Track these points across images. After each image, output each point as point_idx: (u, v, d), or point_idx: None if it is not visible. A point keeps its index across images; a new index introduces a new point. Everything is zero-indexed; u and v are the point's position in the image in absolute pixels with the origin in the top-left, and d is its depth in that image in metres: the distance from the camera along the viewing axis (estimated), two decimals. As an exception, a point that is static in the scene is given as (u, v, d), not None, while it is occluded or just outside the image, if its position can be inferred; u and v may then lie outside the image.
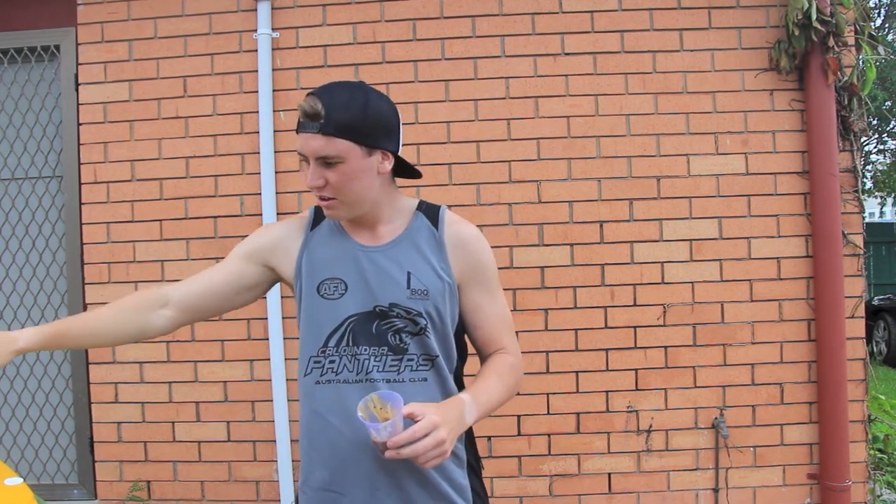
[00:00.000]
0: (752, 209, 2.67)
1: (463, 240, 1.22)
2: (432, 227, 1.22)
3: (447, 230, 1.22)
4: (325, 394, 1.16)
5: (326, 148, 1.08)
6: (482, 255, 1.23)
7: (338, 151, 1.09)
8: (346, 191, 1.12)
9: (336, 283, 1.17)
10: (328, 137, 1.08)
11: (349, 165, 1.11)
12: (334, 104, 1.09)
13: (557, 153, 2.68)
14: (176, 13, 2.75)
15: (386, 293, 1.15)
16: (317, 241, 1.23)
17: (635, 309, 2.66)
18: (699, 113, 2.68)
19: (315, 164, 1.10)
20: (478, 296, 1.22)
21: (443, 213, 1.25)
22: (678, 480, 2.66)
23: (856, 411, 2.64)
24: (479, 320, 1.22)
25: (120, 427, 2.75)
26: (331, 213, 1.16)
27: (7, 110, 2.93)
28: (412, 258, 1.18)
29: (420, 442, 0.96)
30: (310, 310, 1.19)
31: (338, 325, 1.16)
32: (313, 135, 1.08)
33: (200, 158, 2.74)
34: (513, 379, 1.21)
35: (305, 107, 1.08)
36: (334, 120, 1.08)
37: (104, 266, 2.75)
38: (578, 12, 2.69)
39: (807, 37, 2.53)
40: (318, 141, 1.08)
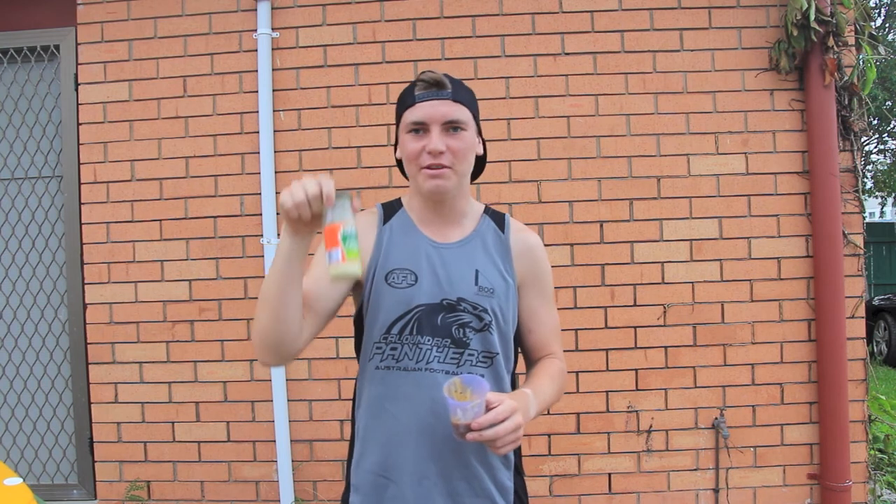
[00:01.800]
0: (752, 209, 2.67)
1: (529, 246, 1.27)
2: (499, 230, 1.28)
3: (513, 235, 1.28)
4: (384, 379, 1.19)
5: (456, 112, 1.15)
6: (544, 263, 1.29)
7: (465, 117, 1.16)
8: (463, 159, 1.17)
9: (406, 273, 1.20)
10: (457, 104, 1.16)
11: (470, 134, 1.18)
12: (455, 81, 1.18)
13: (557, 153, 2.68)
14: (176, 13, 2.75)
15: (455, 287, 1.18)
16: (390, 235, 1.25)
17: (635, 309, 2.66)
18: (699, 113, 2.68)
19: (439, 130, 1.14)
20: (535, 301, 1.26)
21: (509, 219, 1.31)
22: (678, 480, 2.66)
23: (856, 411, 2.64)
24: (534, 324, 1.26)
25: (120, 427, 2.75)
26: (440, 184, 1.16)
27: (7, 110, 2.93)
28: (480, 257, 1.23)
29: (502, 425, 0.97)
30: (377, 297, 1.20)
31: (403, 314, 1.18)
32: (443, 101, 1.15)
33: (200, 158, 2.74)
34: (562, 382, 1.25)
35: (434, 76, 1.15)
36: (461, 91, 1.18)
37: (104, 266, 2.75)
38: (578, 12, 2.69)
39: (806, 37, 2.53)
40: (448, 106, 1.15)
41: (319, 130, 2.71)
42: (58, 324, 2.90)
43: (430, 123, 1.14)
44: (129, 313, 2.74)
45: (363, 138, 2.70)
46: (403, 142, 1.18)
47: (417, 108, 1.15)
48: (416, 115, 1.15)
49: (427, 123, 1.14)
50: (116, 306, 2.75)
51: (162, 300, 2.73)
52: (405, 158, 1.19)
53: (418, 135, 1.16)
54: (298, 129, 2.71)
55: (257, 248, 2.70)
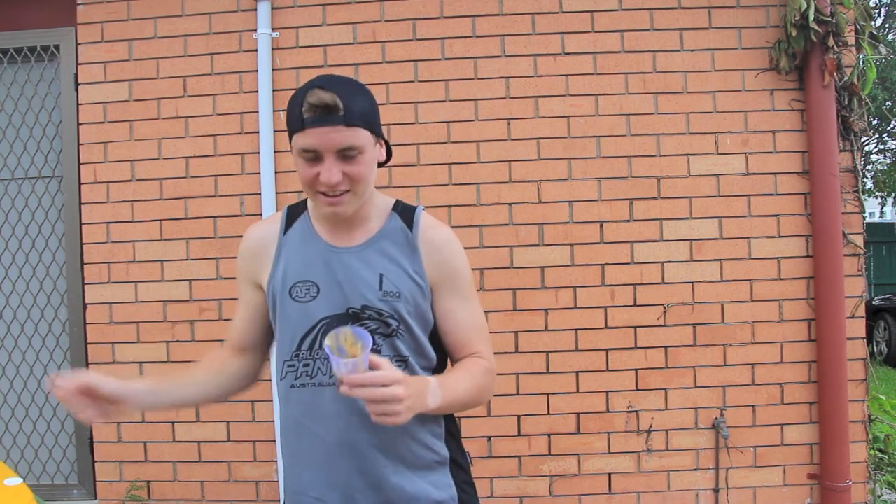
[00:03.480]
0: (752, 209, 2.67)
1: (436, 244, 1.19)
2: (407, 228, 1.20)
3: (422, 234, 1.19)
4: (301, 397, 1.16)
5: (351, 138, 1.05)
6: (455, 259, 1.20)
7: (361, 141, 1.07)
8: (361, 181, 1.09)
9: (308, 285, 1.16)
10: (352, 128, 1.05)
11: (367, 155, 1.09)
12: (348, 94, 1.06)
13: (557, 153, 2.68)
14: (176, 13, 2.75)
15: (358, 295, 1.13)
16: (290, 246, 1.21)
17: (635, 309, 2.66)
18: (699, 113, 2.68)
19: (333, 157, 1.06)
20: (449, 301, 1.19)
21: (418, 215, 1.22)
22: (678, 480, 2.66)
23: (856, 411, 2.64)
24: (450, 325, 1.19)
25: (120, 427, 2.75)
26: (339, 210, 1.11)
27: (7, 110, 2.93)
28: (385, 260, 1.17)
29: (377, 389, 0.92)
30: (283, 313, 1.18)
31: (310, 328, 1.15)
32: (334, 127, 1.04)
33: (200, 158, 2.74)
34: (485, 380, 1.17)
35: (325, 99, 1.03)
36: (355, 110, 1.05)
37: (104, 266, 2.75)
38: (578, 12, 2.69)
39: (805, 37, 2.53)
40: (340, 133, 1.04)
41: (319, 130, 2.71)
42: (58, 324, 2.90)
43: (322, 152, 1.05)
44: (130, 313, 2.74)
45: (363, 138, 2.69)
46: (297, 164, 1.11)
47: (308, 133, 1.05)
48: (307, 141, 1.05)
49: (320, 151, 1.06)
50: (116, 306, 2.75)
51: (162, 300, 2.73)
52: (301, 181, 1.11)
53: (311, 161, 1.07)
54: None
55: (257, 248, 2.70)
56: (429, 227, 1.21)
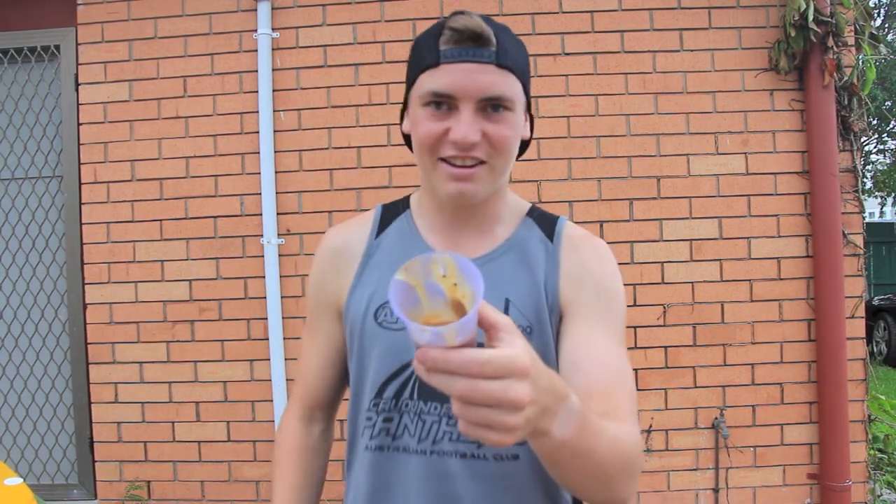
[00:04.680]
0: (752, 209, 2.67)
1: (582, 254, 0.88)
2: (546, 238, 0.90)
3: (566, 244, 0.89)
4: (378, 465, 0.85)
5: (501, 85, 0.78)
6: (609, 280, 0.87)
7: (513, 93, 0.79)
8: (504, 152, 0.81)
9: None
10: (503, 71, 0.78)
11: (517, 115, 0.82)
12: (500, 29, 0.80)
13: (557, 153, 2.68)
14: (176, 13, 2.75)
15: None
16: (383, 253, 0.91)
17: (635, 309, 2.66)
18: (699, 113, 2.68)
19: (473, 108, 0.78)
20: (588, 328, 0.82)
21: (562, 225, 0.92)
22: (678, 480, 2.66)
23: (856, 411, 2.64)
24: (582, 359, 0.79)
25: (120, 427, 2.75)
26: (467, 188, 0.81)
27: (7, 110, 2.93)
28: (515, 280, 0.86)
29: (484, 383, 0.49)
30: (363, 344, 0.87)
31: (399, 368, 0.84)
32: (483, 65, 0.77)
33: (200, 158, 2.74)
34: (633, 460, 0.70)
35: (473, 26, 0.76)
36: (509, 49, 0.79)
37: (104, 266, 2.75)
38: (578, 12, 2.69)
39: (805, 37, 2.53)
40: (490, 74, 0.77)
41: (319, 130, 2.71)
42: (58, 324, 2.91)
43: (460, 99, 0.77)
44: (130, 313, 2.74)
45: (363, 138, 2.70)
46: (417, 118, 0.81)
47: (443, 70, 0.77)
48: (441, 82, 0.77)
49: (456, 98, 0.78)
50: (116, 306, 2.75)
51: (162, 300, 2.73)
52: (417, 142, 0.82)
53: (440, 111, 0.79)
54: (298, 129, 2.71)
55: (257, 248, 2.70)
56: (577, 237, 0.91)
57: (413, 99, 0.83)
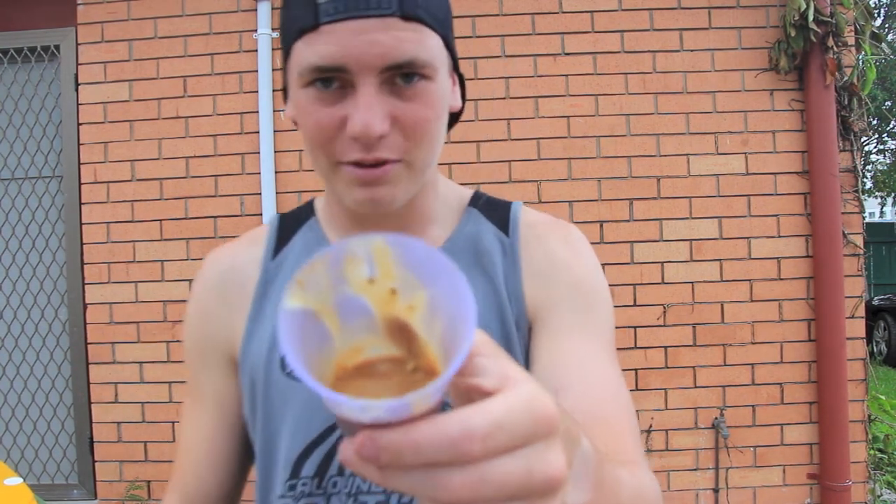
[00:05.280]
0: (752, 209, 2.67)
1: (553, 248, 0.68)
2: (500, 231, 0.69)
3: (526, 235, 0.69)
4: None
5: (414, 44, 0.55)
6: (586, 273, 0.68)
7: (430, 53, 0.57)
8: (427, 140, 0.60)
9: None
10: (415, 25, 0.55)
11: (440, 84, 0.59)
12: None
13: (557, 153, 2.68)
14: (176, 13, 2.75)
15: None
16: (287, 275, 0.68)
17: (635, 309, 2.66)
18: (699, 113, 2.68)
19: (376, 84, 0.55)
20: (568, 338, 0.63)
21: (518, 212, 0.71)
22: (678, 480, 2.66)
23: (856, 411, 2.64)
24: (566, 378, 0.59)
25: (120, 427, 2.75)
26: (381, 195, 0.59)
27: (7, 110, 2.93)
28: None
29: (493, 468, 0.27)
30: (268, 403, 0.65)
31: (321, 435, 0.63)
32: (382, 19, 0.54)
33: (200, 158, 2.74)
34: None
35: None
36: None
37: (104, 266, 2.75)
38: (578, 12, 2.69)
39: (805, 37, 2.53)
40: (397, 31, 0.54)
41: (319, 130, 2.71)
42: (58, 324, 2.90)
43: (355, 72, 0.55)
44: (130, 313, 2.74)
45: (363, 138, 2.69)
46: (299, 104, 0.59)
47: (325, 34, 0.54)
48: (324, 51, 0.54)
49: (349, 71, 0.55)
50: (116, 306, 2.75)
51: (162, 300, 2.73)
52: (307, 139, 0.61)
53: (329, 91, 0.57)
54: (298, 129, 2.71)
55: (257, 248, 2.70)
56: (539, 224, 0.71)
57: (291, 77, 0.59)
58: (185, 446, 0.72)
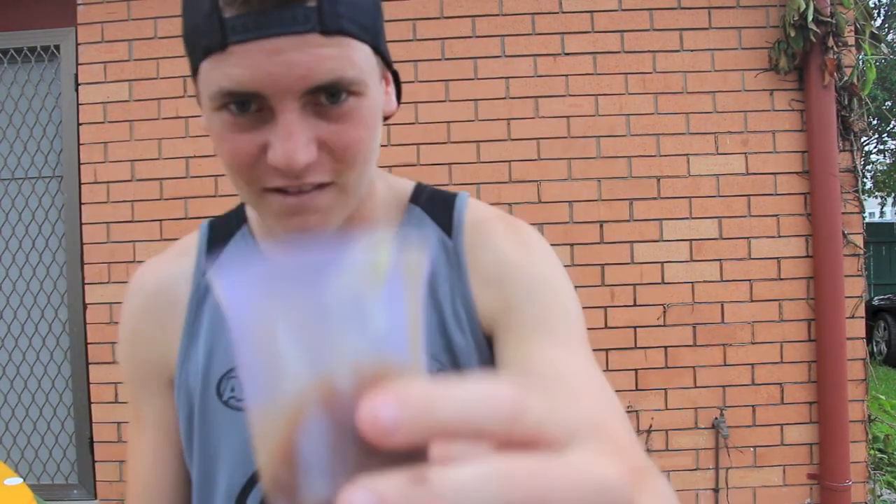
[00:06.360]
0: (752, 209, 2.67)
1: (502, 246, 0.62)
2: (442, 232, 0.64)
3: (471, 235, 0.63)
4: None
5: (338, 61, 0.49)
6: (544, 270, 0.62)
7: (359, 67, 0.51)
8: (360, 160, 0.54)
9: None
10: (337, 38, 0.49)
11: (371, 98, 0.53)
12: None
13: (557, 153, 2.68)
14: (176, 13, 2.74)
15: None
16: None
17: (635, 309, 2.66)
18: (699, 113, 2.68)
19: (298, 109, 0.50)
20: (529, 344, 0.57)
21: (462, 207, 0.65)
22: (678, 480, 2.66)
23: (856, 411, 2.64)
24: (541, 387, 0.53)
25: (120, 427, 2.75)
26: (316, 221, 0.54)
27: (7, 110, 2.93)
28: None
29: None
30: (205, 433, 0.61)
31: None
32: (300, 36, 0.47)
33: (200, 158, 2.74)
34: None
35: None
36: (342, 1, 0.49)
37: (104, 266, 2.75)
38: (578, 12, 2.69)
39: (805, 37, 2.53)
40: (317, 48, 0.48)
41: (319, 130, 2.71)
42: (58, 324, 2.90)
43: (273, 97, 0.49)
44: (130, 313, 2.74)
45: (363, 138, 2.69)
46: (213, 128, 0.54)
47: (235, 55, 0.48)
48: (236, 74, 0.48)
49: (267, 97, 0.49)
50: (117, 306, 2.75)
51: (162, 300, 2.73)
52: (225, 166, 0.55)
53: (246, 116, 0.51)
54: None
55: (257, 248, 2.70)
56: (482, 220, 0.64)
57: (202, 97, 0.54)
58: (133, 476, 0.67)
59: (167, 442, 0.65)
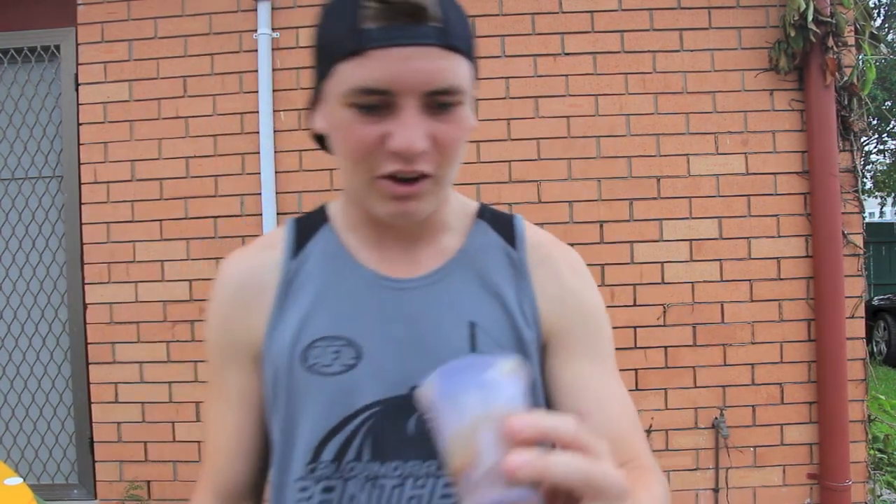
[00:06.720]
0: (752, 209, 2.67)
1: (560, 269, 0.74)
2: (507, 244, 0.74)
3: (533, 251, 0.74)
4: None
5: (452, 73, 0.60)
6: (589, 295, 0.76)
7: (464, 81, 0.62)
8: (455, 158, 0.64)
9: (338, 345, 0.68)
10: (452, 55, 0.60)
11: (467, 108, 0.64)
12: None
13: (557, 153, 2.68)
14: (176, 13, 2.75)
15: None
16: (305, 279, 0.72)
17: (635, 309, 2.66)
18: (699, 113, 2.68)
19: (416, 108, 0.60)
20: (582, 364, 0.72)
21: (522, 225, 0.76)
22: (678, 480, 2.66)
23: (856, 411, 2.64)
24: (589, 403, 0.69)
25: (120, 427, 2.75)
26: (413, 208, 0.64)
27: (7, 110, 2.93)
28: (477, 298, 0.70)
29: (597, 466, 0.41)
30: (291, 395, 0.69)
31: (341, 422, 0.68)
32: (426, 48, 0.58)
33: (200, 158, 2.74)
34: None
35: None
36: (455, 22, 0.60)
37: (104, 266, 2.75)
38: (578, 12, 2.69)
39: (805, 37, 2.53)
40: (438, 60, 0.59)
41: (319, 130, 2.71)
42: (58, 324, 2.91)
43: (399, 94, 0.59)
44: (130, 313, 2.74)
45: (363, 138, 2.69)
46: (341, 121, 0.62)
47: (372, 58, 0.58)
48: (372, 75, 0.58)
49: (394, 94, 0.59)
50: (116, 306, 2.75)
51: (162, 300, 2.73)
52: (347, 154, 0.64)
53: (373, 114, 0.60)
54: (298, 129, 2.71)
55: (257, 248, 2.70)
56: (545, 244, 0.76)
57: (331, 95, 0.63)
58: (214, 443, 0.76)
59: (248, 411, 0.74)
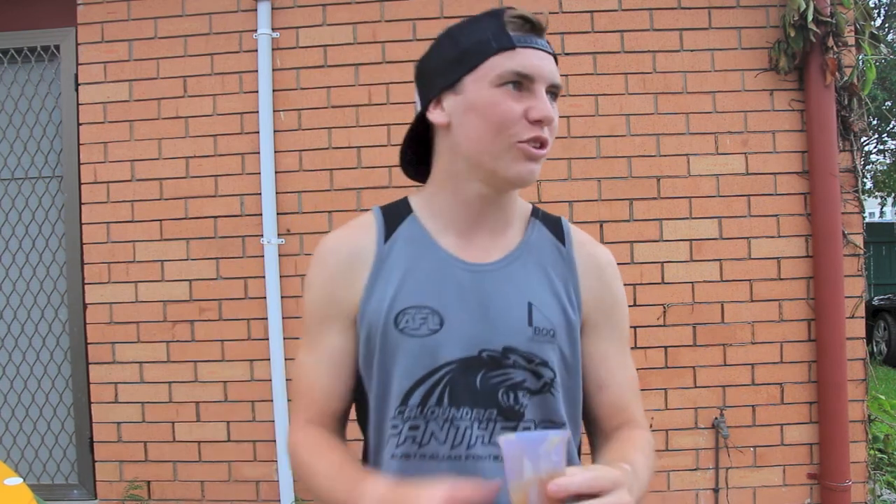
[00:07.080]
0: (752, 209, 2.67)
1: (599, 264, 0.93)
2: (557, 241, 0.93)
3: (579, 249, 0.93)
4: (403, 473, 0.82)
5: (558, 75, 0.86)
6: (618, 289, 0.95)
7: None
8: (555, 135, 0.87)
9: (425, 313, 0.84)
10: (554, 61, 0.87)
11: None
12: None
13: (557, 153, 2.68)
14: (176, 13, 2.75)
15: (499, 332, 0.84)
16: (396, 258, 0.89)
17: (635, 309, 2.66)
18: (699, 113, 2.68)
19: (544, 91, 0.84)
20: (606, 343, 0.91)
21: (567, 226, 0.95)
22: (678, 480, 2.66)
23: (856, 411, 2.64)
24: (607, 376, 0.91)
25: (120, 427, 2.75)
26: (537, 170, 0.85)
27: (7, 110, 2.93)
28: (534, 283, 0.88)
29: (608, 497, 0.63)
30: (385, 351, 0.85)
31: (425, 375, 0.83)
32: (547, 54, 0.84)
33: (200, 158, 2.74)
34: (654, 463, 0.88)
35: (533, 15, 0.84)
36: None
37: (104, 266, 2.75)
38: (578, 12, 2.69)
39: (805, 37, 2.53)
40: (552, 64, 0.85)
41: (319, 130, 2.71)
42: (58, 324, 2.91)
43: (537, 80, 0.82)
44: (129, 313, 2.74)
45: (363, 138, 2.70)
46: (491, 99, 0.82)
47: (521, 54, 0.81)
48: (523, 63, 0.81)
49: (534, 80, 0.82)
50: (116, 306, 2.75)
51: (162, 300, 2.73)
52: (493, 122, 0.82)
53: (519, 89, 0.82)
54: (298, 129, 2.71)
55: (257, 248, 2.70)
56: (587, 243, 0.95)
57: (477, 81, 0.83)
58: (307, 385, 0.91)
59: (339, 364, 0.90)
